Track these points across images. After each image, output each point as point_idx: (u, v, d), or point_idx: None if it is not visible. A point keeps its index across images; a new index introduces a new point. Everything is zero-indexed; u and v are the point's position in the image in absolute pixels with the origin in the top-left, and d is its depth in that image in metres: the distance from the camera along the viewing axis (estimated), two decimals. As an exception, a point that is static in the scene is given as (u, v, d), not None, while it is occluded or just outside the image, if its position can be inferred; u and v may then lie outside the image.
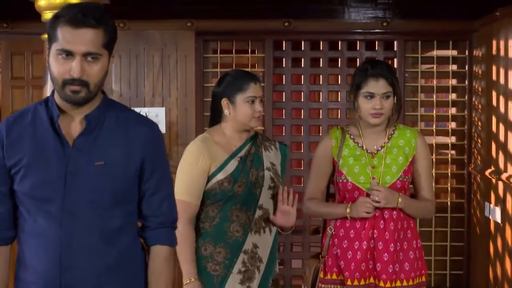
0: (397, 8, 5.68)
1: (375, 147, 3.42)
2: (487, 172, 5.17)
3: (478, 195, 5.53)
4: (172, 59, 5.47)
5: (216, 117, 3.52)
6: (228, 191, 3.34)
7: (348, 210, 3.35)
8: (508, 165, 4.83)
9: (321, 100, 5.96)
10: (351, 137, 3.46)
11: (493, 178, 5.09)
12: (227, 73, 3.55)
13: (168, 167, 2.55)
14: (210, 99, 5.63)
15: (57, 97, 2.39)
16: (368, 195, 3.33)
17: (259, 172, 3.42)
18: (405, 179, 3.38)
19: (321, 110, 5.95)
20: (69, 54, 2.27)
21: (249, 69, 5.57)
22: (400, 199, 3.30)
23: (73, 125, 2.38)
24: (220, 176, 3.34)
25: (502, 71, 4.98)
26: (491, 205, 5.17)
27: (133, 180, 2.42)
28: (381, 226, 3.33)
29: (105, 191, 2.35)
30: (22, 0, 5.23)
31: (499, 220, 5.01)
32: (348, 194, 3.41)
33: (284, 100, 5.89)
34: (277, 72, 5.87)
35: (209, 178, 3.36)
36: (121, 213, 2.39)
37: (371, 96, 3.33)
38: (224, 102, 3.43)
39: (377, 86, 3.33)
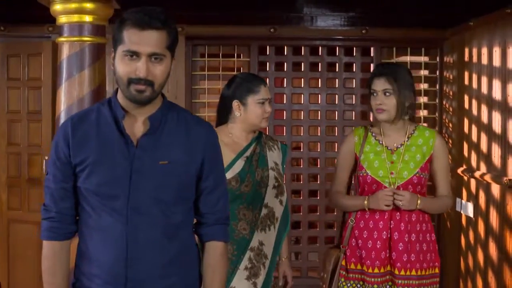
0: (374, 17, 5.96)
1: (395, 145, 3.60)
2: (459, 170, 5.49)
3: (448, 192, 5.84)
4: (163, 62, 5.66)
5: (223, 118, 3.61)
6: (235, 190, 3.42)
7: (365, 202, 3.53)
8: (481, 163, 5.16)
9: (302, 102, 6.22)
10: (373, 134, 3.64)
11: (466, 175, 5.42)
12: (237, 76, 3.66)
13: (223, 166, 2.62)
14: (198, 101, 5.95)
15: (120, 98, 2.43)
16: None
17: (264, 171, 3.52)
18: (421, 176, 3.55)
19: (302, 112, 6.22)
20: (134, 54, 2.31)
21: (235, 73, 5.83)
22: (419, 201, 3.50)
23: (137, 126, 2.42)
24: (228, 176, 3.38)
25: (474, 76, 5.31)
26: (463, 201, 5.48)
27: (193, 178, 2.47)
28: (397, 218, 3.51)
29: (169, 189, 2.40)
30: (19, 5, 5.37)
31: (471, 215, 5.32)
32: (367, 187, 3.59)
33: (268, 102, 6.14)
34: (261, 76, 5.95)
35: None
36: (181, 209, 2.45)
37: (375, 93, 3.55)
38: (235, 104, 3.52)
39: (378, 83, 3.54)
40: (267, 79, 6.13)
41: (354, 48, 6.19)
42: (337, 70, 6.18)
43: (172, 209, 2.42)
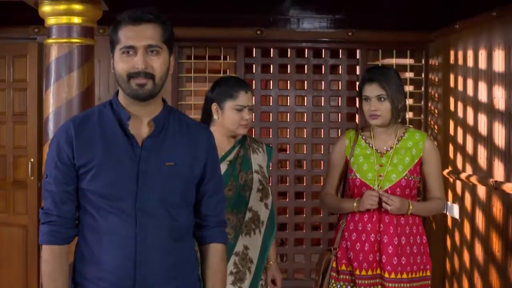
0: (360, 19, 5.99)
1: (384, 148, 3.59)
2: (444, 172, 5.50)
3: (434, 193, 5.87)
4: (150, 64, 5.66)
5: (206, 121, 3.54)
6: None
7: (355, 204, 3.52)
8: (467, 165, 5.21)
9: (288, 104, 6.24)
10: (363, 137, 3.64)
11: (451, 177, 5.47)
12: (221, 78, 3.59)
13: (220, 170, 2.65)
14: (185, 103, 5.95)
15: (121, 99, 2.43)
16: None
17: (247, 175, 3.45)
18: (410, 178, 3.55)
19: (288, 114, 6.24)
20: (131, 50, 2.32)
21: (221, 75, 5.84)
22: (411, 206, 3.49)
23: (141, 127, 2.42)
24: None
25: (460, 79, 5.37)
26: (449, 203, 5.52)
27: (196, 180, 2.48)
28: (386, 221, 3.51)
29: (175, 191, 2.41)
30: (4, 6, 5.33)
31: (457, 216, 5.37)
32: (357, 190, 3.59)
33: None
34: (247, 78, 6.09)
35: None
36: (186, 211, 2.46)
37: (368, 99, 3.53)
38: (214, 107, 3.44)
39: (371, 89, 3.52)
40: (253, 81, 6.15)
41: (340, 50, 6.21)
42: (323, 72, 6.21)
43: (177, 211, 2.42)
